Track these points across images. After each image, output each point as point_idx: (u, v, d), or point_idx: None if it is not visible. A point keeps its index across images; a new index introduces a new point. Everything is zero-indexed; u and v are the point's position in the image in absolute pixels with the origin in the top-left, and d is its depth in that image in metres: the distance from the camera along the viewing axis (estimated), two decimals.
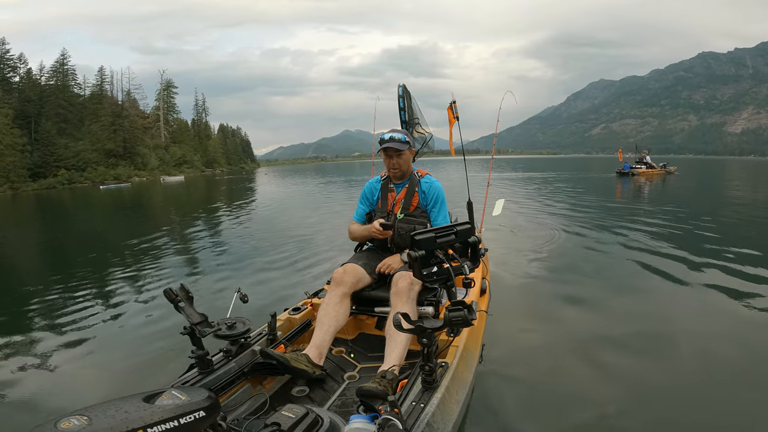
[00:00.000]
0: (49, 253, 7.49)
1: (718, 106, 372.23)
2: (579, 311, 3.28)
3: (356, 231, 2.42)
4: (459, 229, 1.58)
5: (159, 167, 50.72)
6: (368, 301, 2.22)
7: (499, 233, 6.37)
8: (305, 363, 1.81)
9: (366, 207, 2.45)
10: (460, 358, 1.76)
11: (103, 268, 5.55)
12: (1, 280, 5.77)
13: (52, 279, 5.14)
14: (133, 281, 4.82)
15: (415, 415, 1.35)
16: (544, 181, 19.80)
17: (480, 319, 2.36)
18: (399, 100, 3.37)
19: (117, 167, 44.67)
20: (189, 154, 60.18)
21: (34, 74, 46.03)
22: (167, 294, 1.62)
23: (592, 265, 4.65)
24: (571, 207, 9.75)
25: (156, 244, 7.13)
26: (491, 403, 2.08)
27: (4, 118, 35.27)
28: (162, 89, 60.93)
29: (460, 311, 1.42)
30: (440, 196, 2.34)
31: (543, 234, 6.32)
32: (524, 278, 4.14)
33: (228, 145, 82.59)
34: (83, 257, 6.56)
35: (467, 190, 3.81)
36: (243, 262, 5.46)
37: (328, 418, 1.36)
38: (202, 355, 1.64)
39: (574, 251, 5.36)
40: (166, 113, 61.05)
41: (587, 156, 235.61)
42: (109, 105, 49.39)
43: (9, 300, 4.45)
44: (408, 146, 2.30)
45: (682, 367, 2.40)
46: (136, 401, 0.98)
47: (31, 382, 2.54)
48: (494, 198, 4.80)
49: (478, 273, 2.65)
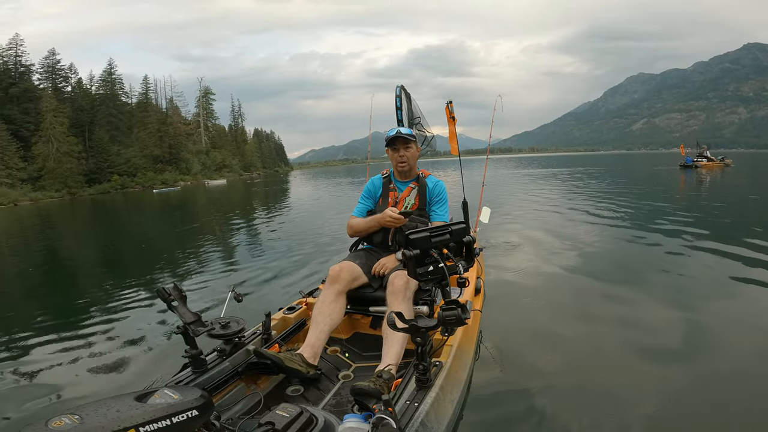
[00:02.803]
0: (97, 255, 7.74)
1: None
2: (579, 310, 3.29)
3: (359, 224, 2.32)
4: (454, 229, 1.58)
5: (201, 171, 53.13)
6: (363, 300, 2.21)
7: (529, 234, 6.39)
8: (299, 363, 1.80)
9: (369, 203, 2.41)
10: (454, 357, 1.76)
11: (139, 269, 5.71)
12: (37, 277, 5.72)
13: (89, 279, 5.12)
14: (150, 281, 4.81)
15: (409, 414, 1.35)
16: (588, 176, 20.23)
17: (474, 319, 2.37)
18: (396, 100, 3.38)
19: (164, 172, 46.93)
20: (228, 159, 62.91)
21: (85, 84, 48.55)
22: (160, 293, 1.61)
23: (619, 263, 4.68)
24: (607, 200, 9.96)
25: (200, 245, 7.43)
26: (486, 402, 2.09)
27: (61, 127, 37.58)
28: (201, 96, 63.62)
29: (454, 310, 1.42)
30: (444, 196, 2.35)
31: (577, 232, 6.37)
32: (524, 278, 4.15)
33: (263, 149, 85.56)
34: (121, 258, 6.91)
35: (462, 191, 3.82)
36: (263, 260, 5.56)
37: (323, 417, 1.36)
38: (195, 355, 1.63)
39: (609, 247, 5.37)
40: (206, 119, 63.76)
41: (629, 152, 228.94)
42: (155, 113, 51.88)
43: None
44: (415, 141, 2.31)
45: (684, 369, 2.41)
46: (128, 400, 0.98)
47: (33, 379, 2.52)
48: (496, 198, 4.82)
49: (473, 272, 2.66)
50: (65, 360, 2.81)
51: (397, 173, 2.39)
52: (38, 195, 32.82)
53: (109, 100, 48.84)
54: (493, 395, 2.14)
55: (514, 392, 2.17)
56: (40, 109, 37.94)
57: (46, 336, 3.25)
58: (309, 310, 2.27)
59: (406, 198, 2.33)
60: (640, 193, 12.70)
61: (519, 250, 5.23)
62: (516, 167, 36.91)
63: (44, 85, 43.59)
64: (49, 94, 40.50)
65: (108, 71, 51.14)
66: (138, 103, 53.22)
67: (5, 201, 28.57)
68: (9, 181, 32.02)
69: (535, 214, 8.38)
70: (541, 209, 9.13)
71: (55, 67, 44.80)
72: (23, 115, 37.52)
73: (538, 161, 51.97)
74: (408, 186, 2.35)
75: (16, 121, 36.68)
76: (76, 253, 8.36)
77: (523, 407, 2.05)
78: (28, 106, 38.37)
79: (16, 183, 32.76)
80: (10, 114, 36.61)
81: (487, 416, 1.98)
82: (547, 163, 42.00)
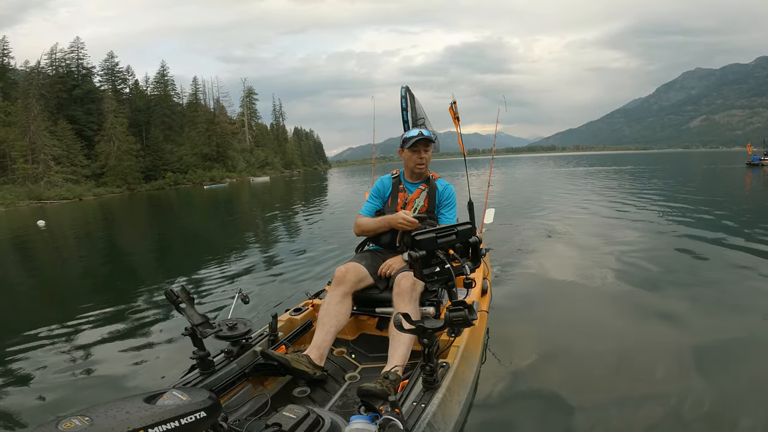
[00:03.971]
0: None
1: None
2: (583, 310, 3.27)
3: (367, 223, 2.31)
4: (460, 230, 1.58)
5: (246, 169, 55.56)
6: (370, 301, 2.21)
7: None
8: (306, 364, 1.80)
9: (378, 203, 2.40)
10: (461, 358, 1.76)
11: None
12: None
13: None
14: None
15: (416, 416, 1.35)
16: (637, 174, 19.80)
17: (481, 319, 2.36)
18: (401, 101, 3.39)
19: (212, 169, 49.08)
20: (270, 157, 65.57)
21: (141, 85, 51.17)
22: (168, 295, 1.63)
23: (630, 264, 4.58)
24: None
25: (227, 243, 7.63)
26: (493, 403, 2.08)
27: (121, 126, 39.88)
28: (245, 96, 66.55)
29: (461, 311, 1.42)
30: (453, 200, 2.36)
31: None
32: (527, 278, 4.13)
33: (302, 147, 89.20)
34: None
35: (468, 191, 3.81)
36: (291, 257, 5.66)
37: (329, 418, 1.36)
38: (203, 356, 1.64)
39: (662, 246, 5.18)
40: (250, 118, 66.24)
41: (685, 150, 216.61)
42: (204, 112, 54.37)
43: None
44: (434, 142, 2.33)
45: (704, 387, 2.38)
46: (137, 402, 0.99)
47: (41, 379, 2.55)
48: (500, 198, 4.80)
49: (479, 273, 2.65)
50: (73, 360, 2.84)
51: (410, 174, 2.38)
52: (101, 190, 34.94)
53: (163, 101, 51.35)
54: (500, 396, 2.13)
55: (522, 393, 2.16)
56: (102, 109, 40.02)
57: (53, 335, 3.28)
58: (315, 311, 2.27)
59: (416, 200, 2.32)
60: (698, 191, 12.24)
61: (538, 250, 5.18)
62: (559, 165, 36.15)
63: (105, 86, 45.86)
64: (110, 96, 42.59)
65: (161, 73, 53.48)
66: (188, 104, 55.77)
67: (71, 196, 30.63)
68: (74, 178, 34.20)
69: (566, 213, 8.19)
70: (576, 208, 8.90)
71: (114, 70, 47.22)
72: (87, 116, 39.71)
73: (586, 160, 49.76)
74: (418, 188, 2.35)
75: (80, 121, 38.87)
76: (119, 247, 9.00)
77: (531, 408, 2.04)
78: (91, 107, 40.61)
79: (81, 179, 35.03)
80: (74, 114, 38.86)
81: (494, 417, 1.97)
82: (593, 162, 40.52)
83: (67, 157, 35.20)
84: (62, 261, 7.46)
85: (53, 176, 32.58)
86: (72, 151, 35.96)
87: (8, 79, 38.47)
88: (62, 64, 42.16)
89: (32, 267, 7.06)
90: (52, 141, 34.32)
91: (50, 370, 2.70)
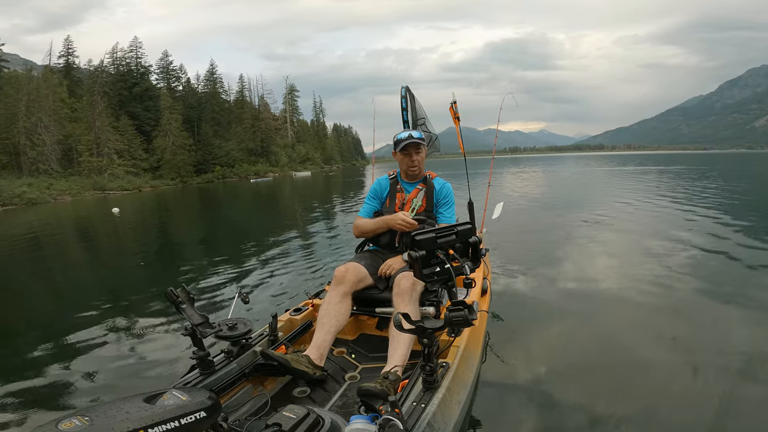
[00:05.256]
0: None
1: None
2: (583, 310, 3.27)
3: (367, 224, 2.32)
4: (460, 230, 1.58)
5: (288, 164, 57.64)
6: (369, 301, 2.21)
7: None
8: (306, 364, 1.80)
9: (376, 203, 2.40)
10: (461, 359, 1.76)
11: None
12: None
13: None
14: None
15: (416, 416, 1.35)
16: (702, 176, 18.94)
17: (481, 320, 2.36)
18: (401, 101, 3.38)
19: (256, 164, 51.03)
20: (311, 152, 67.55)
21: (192, 83, 52.93)
22: (168, 295, 1.63)
23: (613, 264, 4.61)
24: None
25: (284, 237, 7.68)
26: (493, 403, 2.08)
27: (176, 123, 42.34)
28: (287, 93, 68.09)
29: (461, 311, 1.41)
30: (451, 198, 2.36)
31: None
32: (529, 278, 4.13)
33: (341, 143, 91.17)
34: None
35: (468, 190, 3.80)
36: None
37: (329, 418, 1.36)
38: (203, 356, 1.64)
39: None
40: (292, 115, 68.03)
41: (749, 151, 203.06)
42: (249, 109, 56.55)
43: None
44: (424, 143, 2.32)
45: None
46: (137, 401, 0.99)
47: (41, 378, 2.56)
48: (504, 197, 4.79)
49: (479, 273, 2.65)
50: (74, 359, 2.85)
51: (405, 175, 2.39)
52: (157, 182, 37.28)
53: (212, 98, 53.30)
54: (500, 396, 2.13)
55: (521, 393, 2.16)
56: (159, 106, 42.44)
57: (57, 333, 3.29)
58: (315, 311, 2.27)
59: (414, 199, 2.32)
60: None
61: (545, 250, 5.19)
62: (606, 164, 35.23)
63: (161, 84, 48.21)
64: (166, 93, 45.16)
65: (210, 71, 55.45)
66: (235, 101, 57.53)
67: (131, 187, 32.99)
68: (134, 170, 36.90)
69: (592, 213, 8.14)
70: (605, 209, 8.77)
71: (168, 68, 49.39)
72: (145, 112, 42.04)
73: (638, 160, 47.08)
74: (415, 187, 2.35)
75: (140, 117, 41.20)
76: (168, 235, 10.11)
77: (530, 408, 2.04)
78: (149, 103, 42.92)
79: (140, 172, 37.72)
80: (134, 111, 41.23)
81: (494, 417, 1.97)
82: (650, 162, 38.63)
83: (128, 151, 37.74)
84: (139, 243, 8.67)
85: (116, 169, 34.96)
86: (132, 145, 38.51)
87: (73, 77, 40.91)
88: (122, 62, 44.59)
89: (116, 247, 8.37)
90: (115, 136, 36.88)
91: (49, 371, 2.71)
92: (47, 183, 27.24)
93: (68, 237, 10.36)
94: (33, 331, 3.53)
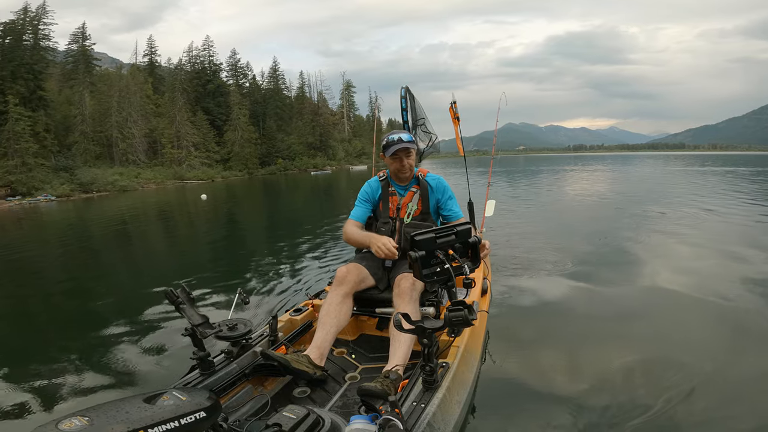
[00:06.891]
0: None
1: None
2: (584, 310, 3.27)
3: (354, 235, 2.23)
4: (459, 230, 1.58)
5: (344, 158, 60.16)
6: (370, 302, 2.21)
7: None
8: (306, 364, 1.80)
9: (368, 207, 2.33)
10: (461, 359, 1.76)
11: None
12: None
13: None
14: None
15: (416, 416, 1.35)
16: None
17: (481, 319, 2.36)
18: (401, 102, 3.38)
19: (315, 157, 54.49)
20: (367, 147, 70.33)
21: (257, 80, 56.49)
22: (168, 296, 1.63)
23: (609, 260, 4.59)
24: None
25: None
26: (493, 403, 2.08)
27: (244, 117, 45.95)
28: (344, 89, 70.54)
29: (461, 311, 1.42)
30: (448, 190, 2.31)
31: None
32: (528, 278, 4.13)
33: None
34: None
35: (468, 191, 3.81)
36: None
37: (330, 418, 1.37)
38: (203, 357, 1.64)
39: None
40: (348, 110, 70.39)
41: None
42: (309, 105, 59.79)
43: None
44: (415, 145, 2.26)
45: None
46: (137, 402, 0.99)
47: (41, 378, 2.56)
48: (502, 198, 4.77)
49: (479, 273, 2.65)
50: (75, 359, 2.85)
51: (397, 178, 2.32)
52: (227, 173, 41.11)
53: (275, 94, 56.25)
54: (500, 396, 2.13)
55: (521, 393, 2.16)
56: (229, 102, 46.08)
57: (59, 333, 3.29)
58: (315, 311, 2.27)
59: (409, 204, 2.27)
60: None
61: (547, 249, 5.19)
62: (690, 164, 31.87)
63: (230, 81, 51.40)
64: (235, 90, 48.91)
65: (273, 68, 58.42)
66: (296, 97, 61.16)
67: (205, 177, 36.97)
68: (208, 162, 40.95)
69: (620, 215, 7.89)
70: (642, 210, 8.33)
71: (236, 65, 52.58)
72: (217, 108, 45.49)
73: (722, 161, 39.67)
74: (409, 191, 2.29)
75: (213, 112, 44.79)
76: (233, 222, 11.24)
77: (531, 408, 2.04)
78: (221, 99, 46.44)
79: (213, 163, 41.78)
80: (208, 107, 44.81)
81: (494, 417, 1.97)
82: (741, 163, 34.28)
83: (203, 143, 41.60)
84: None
85: (192, 160, 38.86)
86: (207, 138, 42.39)
87: (156, 74, 44.81)
88: (197, 60, 48.02)
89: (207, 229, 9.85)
90: (192, 130, 40.63)
91: (49, 371, 2.71)
92: (135, 172, 31.40)
93: (173, 215, 12.98)
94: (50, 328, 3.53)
